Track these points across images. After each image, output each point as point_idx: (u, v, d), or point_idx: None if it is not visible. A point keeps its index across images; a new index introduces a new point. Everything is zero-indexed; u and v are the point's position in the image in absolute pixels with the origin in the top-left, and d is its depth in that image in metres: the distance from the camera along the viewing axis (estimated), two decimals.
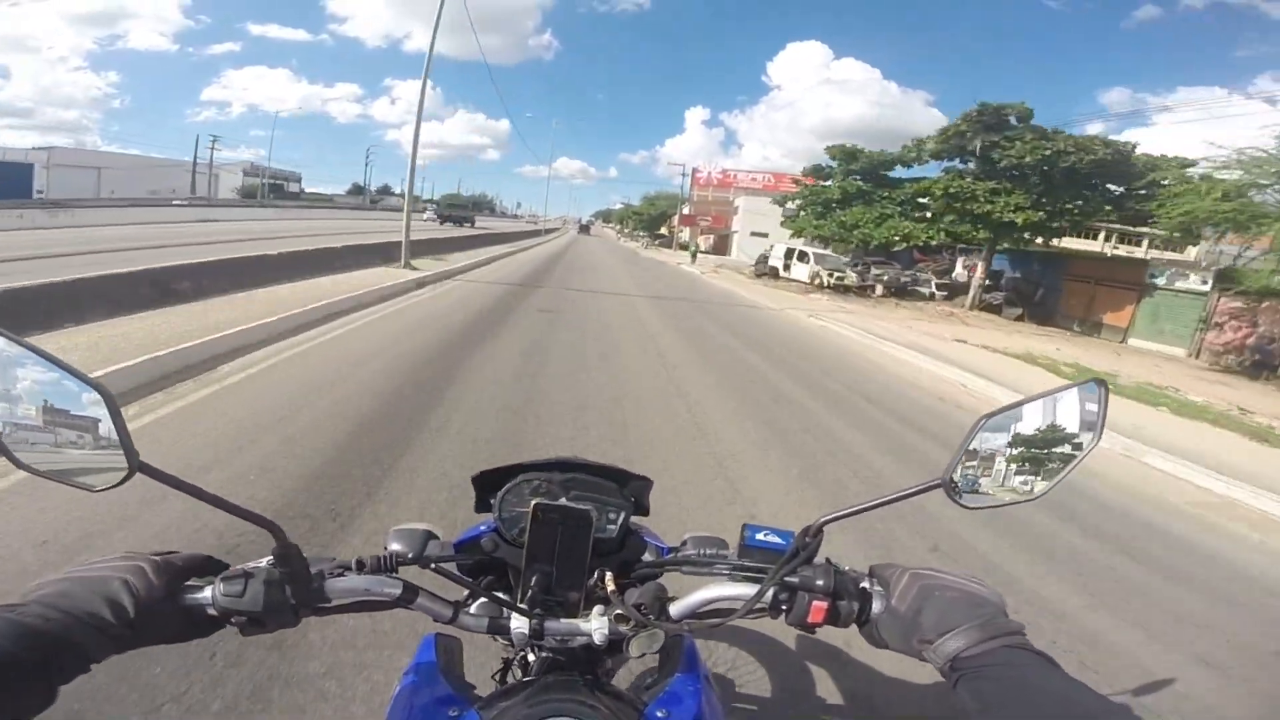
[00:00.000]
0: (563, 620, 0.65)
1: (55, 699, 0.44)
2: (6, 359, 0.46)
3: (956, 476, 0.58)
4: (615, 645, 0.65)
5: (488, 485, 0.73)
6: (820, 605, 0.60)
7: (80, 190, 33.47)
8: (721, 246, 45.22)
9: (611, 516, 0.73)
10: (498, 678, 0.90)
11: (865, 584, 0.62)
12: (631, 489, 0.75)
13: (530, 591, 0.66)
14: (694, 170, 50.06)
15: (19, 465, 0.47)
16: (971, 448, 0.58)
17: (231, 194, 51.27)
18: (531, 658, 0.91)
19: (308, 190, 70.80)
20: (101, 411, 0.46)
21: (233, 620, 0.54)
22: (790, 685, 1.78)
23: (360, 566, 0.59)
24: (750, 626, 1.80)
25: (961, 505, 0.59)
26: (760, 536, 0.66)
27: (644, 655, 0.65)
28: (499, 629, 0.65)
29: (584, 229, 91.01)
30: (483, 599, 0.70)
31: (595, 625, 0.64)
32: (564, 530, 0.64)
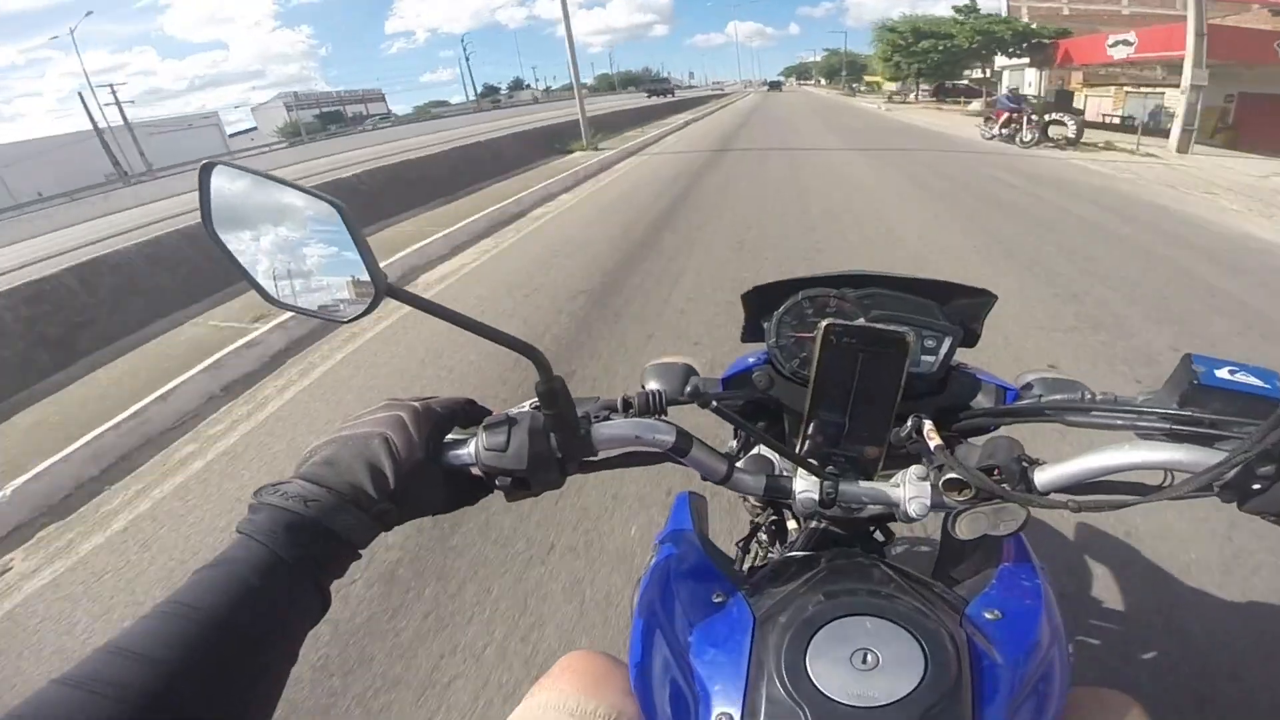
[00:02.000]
0: (862, 483, 0.50)
1: (329, 602, 0.39)
2: (237, 189, 0.42)
3: None
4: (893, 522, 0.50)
5: (761, 305, 0.58)
6: None
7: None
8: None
9: (929, 344, 0.54)
10: (742, 545, 0.82)
11: None
12: (960, 308, 0.55)
13: (813, 442, 0.51)
14: None
15: (272, 302, 0.43)
16: None
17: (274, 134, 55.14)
18: (791, 525, 0.80)
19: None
20: (343, 233, 0.39)
21: (498, 482, 0.46)
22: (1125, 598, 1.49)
23: (627, 407, 0.49)
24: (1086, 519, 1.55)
25: None
26: (1224, 374, 0.42)
27: (967, 538, 0.47)
28: (779, 489, 0.52)
29: (774, 86, 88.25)
30: (754, 451, 0.58)
31: (911, 492, 0.48)
32: (865, 361, 0.48)
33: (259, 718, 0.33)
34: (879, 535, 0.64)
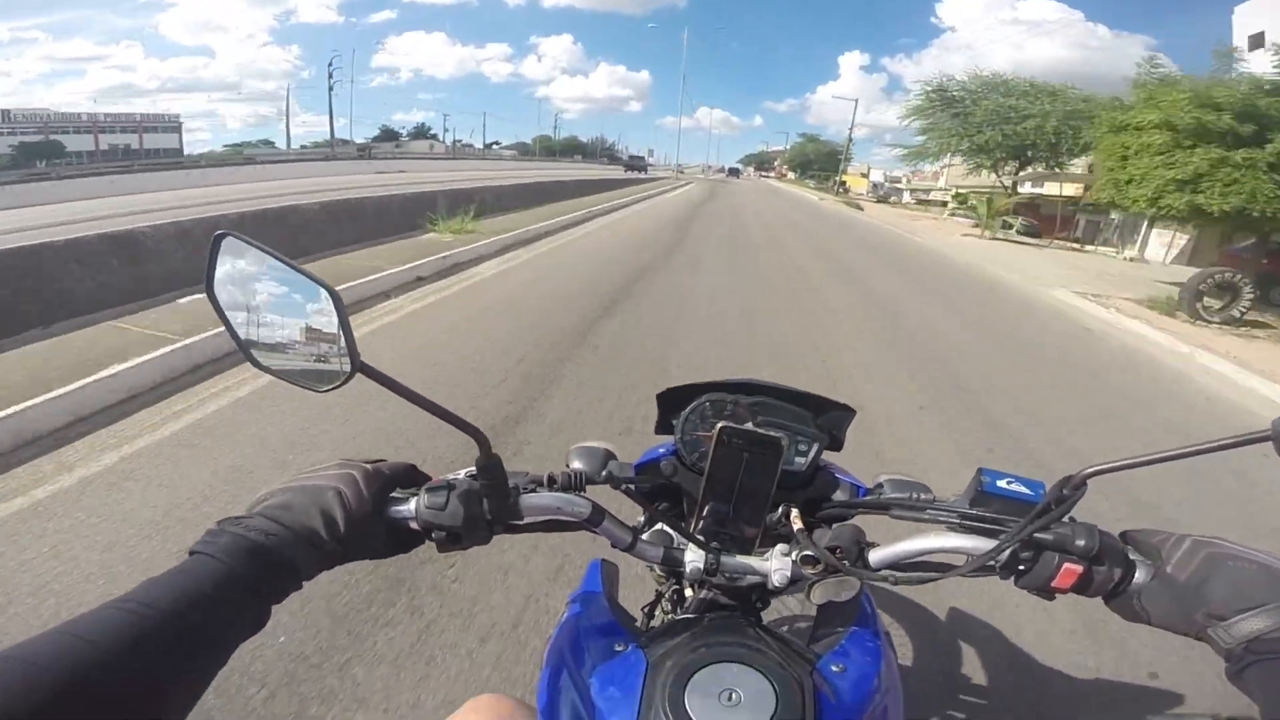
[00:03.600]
0: (739, 557, 0.61)
1: (268, 620, 0.44)
2: (241, 263, 0.48)
3: None
4: (778, 591, 0.60)
5: (671, 404, 0.69)
6: (1074, 569, 0.50)
7: None
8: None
9: (802, 448, 0.67)
10: (648, 610, 0.90)
11: (1125, 549, 0.51)
12: (828, 420, 0.68)
13: (705, 522, 0.62)
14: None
15: (256, 365, 0.49)
16: None
17: None
18: (688, 593, 0.90)
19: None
20: (329, 312, 0.46)
21: (432, 535, 0.53)
22: (942, 657, 1.66)
23: (551, 482, 0.57)
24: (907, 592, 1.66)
25: None
26: (1003, 484, 0.56)
27: (819, 603, 0.59)
28: (673, 559, 0.62)
29: (731, 173, 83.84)
30: (657, 527, 0.68)
31: (776, 565, 0.59)
32: (749, 458, 0.59)
33: (180, 713, 0.37)
34: (759, 604, 0.74)
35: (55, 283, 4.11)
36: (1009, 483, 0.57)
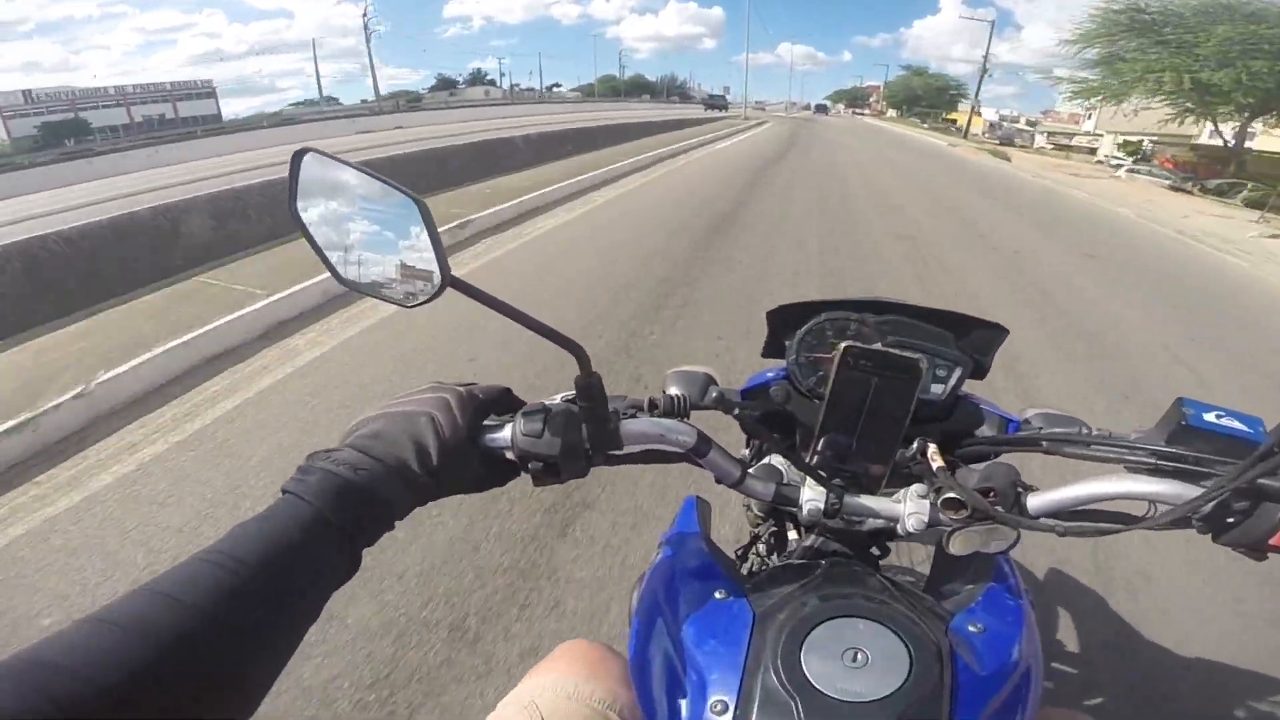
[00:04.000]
0: (864, 498, 0.54)
1: (360, 565, 0.41)
2: (324, 174, 0.45)
3: None
4: (893, 537, 0.53)
5: (784, 323, 0.62)
6: None
7: None
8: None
9: (941, 374, 0.58)
10: (740, 553, 0.84)
11: None
12: (973, 341, 0.58)
13: (823, 456, 0.55)
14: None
15: (340, 280, 0.47)
16: None
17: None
18: (790, 536, 0.84)
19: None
20: (417, 223, 0.43)
21: (529, 467, 0.49)
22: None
23: (653, 407, 0.52)
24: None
25: None
26: (1211, 418, 0.46)
27: (961, 554, 0.51)
28: (786, 498, 0.56)
29: (819, 109, 75.64)
30: (765, 460, 0.61)
31: (911, 508, 0.51)
32: (878, 384, 0.51)
33: (275, 669, 0.35)
34: (878, 553, 0.67)
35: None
36: (1218, 416, 0.46)
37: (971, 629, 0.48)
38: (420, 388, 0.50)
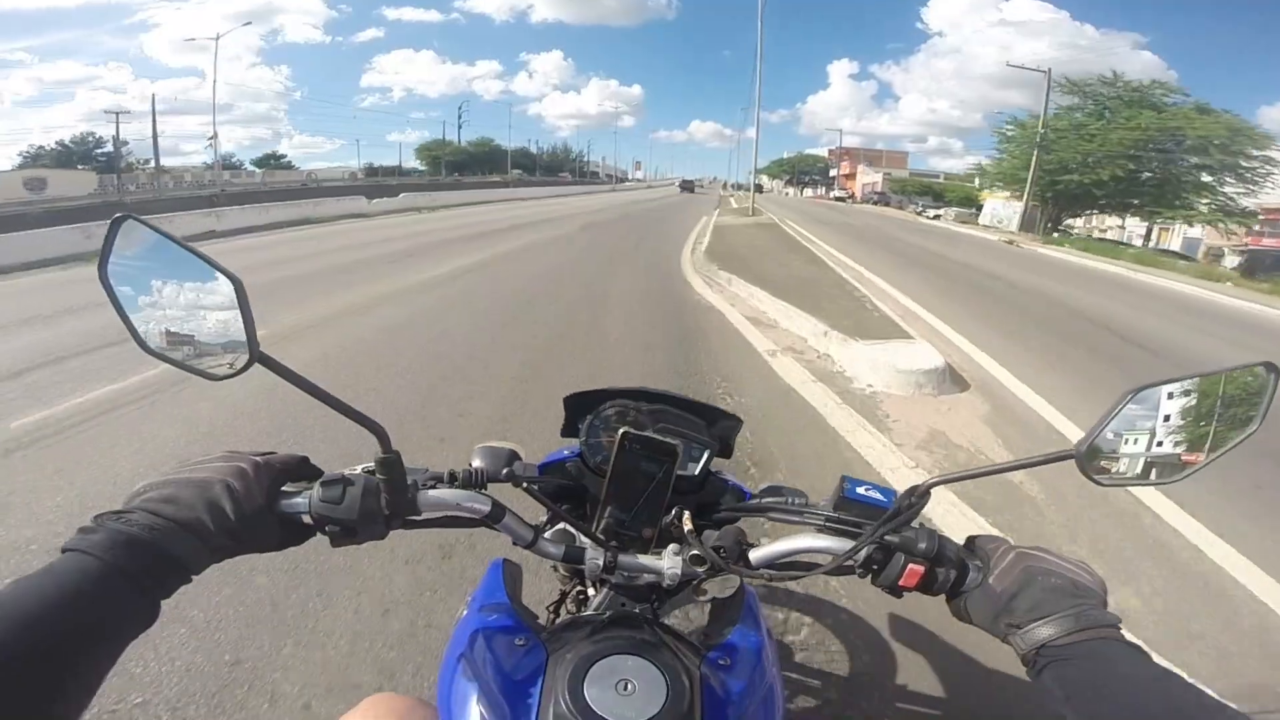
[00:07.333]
0: (637, 556, 0.65)
1: (158, 615, 0.42)
2: (144, 246, 0.48)
3: (1093, 447, 0.52)
4: (676, 588, 0.64)
5: (578, 408, 0.73)
6: (917, 570, 0.56)
7: None
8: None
9: (695, 454, 0.71)
10: (553, 609, 0.92)
11: (964, 555, 0.58)
12: (719, 429, 0.73)
13: (605, 522, 0.66)
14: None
15: (148, 351, 0.49)
16: (1113, 420, 0.52)
17: None
18: (591, 592, 0.93)
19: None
20: (230, 300, 0.46)
21: (326, 529, 0.53)
22: (834, 653, 1.76)
23: (453, 479, 0.59)
24: (795, 588, 1.83)
25: (1094, 480, 0.54)
26: (861, 491, 0.62)
27: (706, 601, 0.64)
28: (573, 558, 0.65)
29: (685, 187, 68.80)
30: (558, 526, 0.70)
31: (668, 564, 0.63)
32: (647, 463, 0.63)
33: (71, 713, 0.36)
34: (657, 603, 0.78)
35: None
36: (866, 489, 0.63)
37: (721, 661, 0.60)
38: (213, 455, 0.53)
